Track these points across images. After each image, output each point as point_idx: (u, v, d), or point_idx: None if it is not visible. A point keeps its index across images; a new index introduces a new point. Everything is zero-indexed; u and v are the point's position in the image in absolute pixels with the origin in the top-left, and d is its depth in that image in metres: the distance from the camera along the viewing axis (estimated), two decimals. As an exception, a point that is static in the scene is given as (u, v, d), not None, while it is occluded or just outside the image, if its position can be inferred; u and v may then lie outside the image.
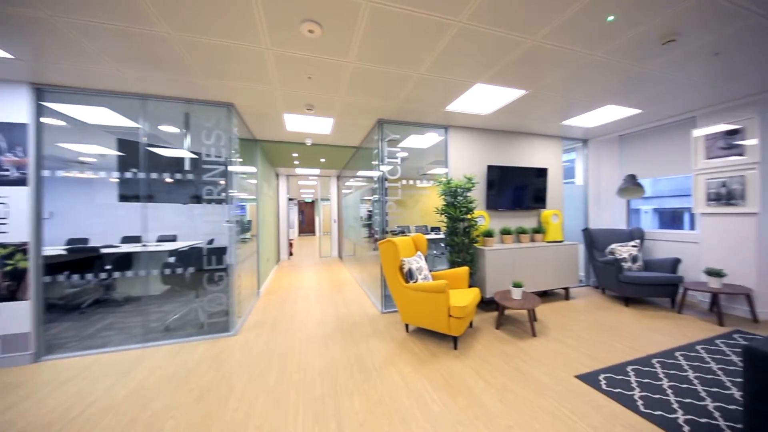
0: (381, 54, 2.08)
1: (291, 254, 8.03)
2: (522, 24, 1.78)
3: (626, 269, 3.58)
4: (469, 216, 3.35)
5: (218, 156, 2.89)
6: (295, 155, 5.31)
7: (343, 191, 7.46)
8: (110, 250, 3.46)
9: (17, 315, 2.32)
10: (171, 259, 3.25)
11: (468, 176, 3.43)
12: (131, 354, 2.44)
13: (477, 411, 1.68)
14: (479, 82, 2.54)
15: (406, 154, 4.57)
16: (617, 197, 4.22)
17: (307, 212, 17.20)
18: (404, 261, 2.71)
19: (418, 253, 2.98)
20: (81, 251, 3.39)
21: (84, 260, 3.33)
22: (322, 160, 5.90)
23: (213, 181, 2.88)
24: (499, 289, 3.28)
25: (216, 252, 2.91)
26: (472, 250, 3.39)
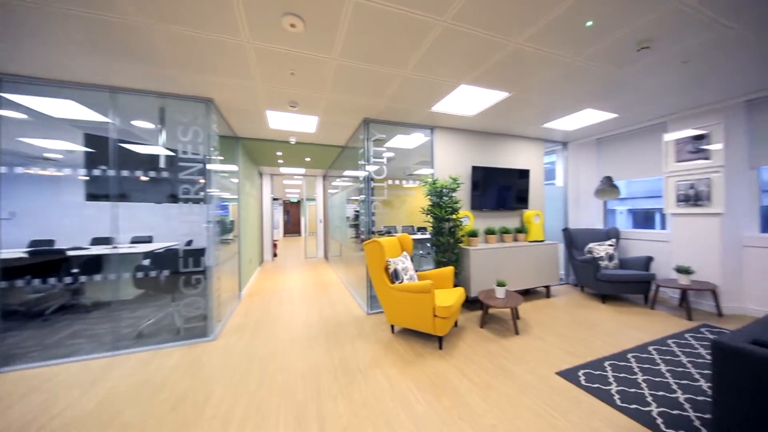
0: (366, 52, 2.05)
1: (275, 255, 7.86)
2: (505, 26, 1.80)
3: (603, 267, 3.71)
4: (455, 216, 3.38)
5: (196, 153, 2.77)
6: (279, 154, 5.19)
7: (329, 191, 7.37)
8: (78, 253, 3.25)
9: (-32, 324, 2.12)
10: (146, 262, 3.09)
11: (453, 177, 3.46)
12: (100, 363, 2.30)
13: (461, 411, 1.68)
14: (464, 84, 2.56)
15: (393, 155, 4.56)
16: (595, 198, 4.38)
17: (293, 212, 16.90)
18: (390, 261, 2.70)
19: (404, 254, 2.97)
20: (44, 254, 3.17)
21: (48, 263, 3.11)
22: (307, 160, 5.80)
23: (190, 180, 2.76)
24: (484, 289, 3.33)
25: (194, 254, 2.79)
26: (457, 250, 3.42)
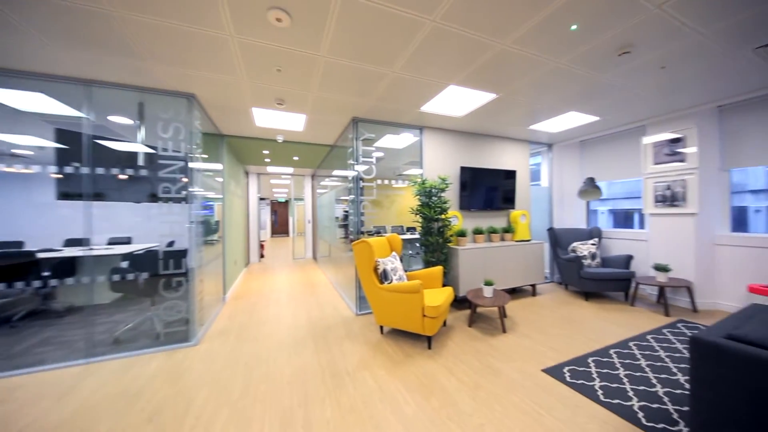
0: (354, 49, 2.03)
1: (262, 256, 7.69)
2: (493, 28, 1.81)
3: (586, 266, 3.82)
4: (443, 216, 3.40)
5: (177, 151, 2.66)
6: (266, 153, 5.08)
7: (318, 191, 7.28)
8: (49, 255, 3.06)
9: None
10: (124, 264, 2.95)
11: (442, 177, 3.47)
12: (72, 371, 2.17)
13: (450, 411, 1.67)
14: (452, 84, 2.57)
15: (382, 154, 4.54)
16: (578, 198, 4.50)
17: (280, 212, 16.62)
18: (379, 262, 2.67)
19: (393, 254, 2.96)
20: (11, 256, 2.97)
21: (16, 266, 2.92)
22: (296, 159, 5.70)
23: (171, 178, 2.65)
24: (472, 288, 3.35)
25: (175, 255, 2.68)
26: (446, 250, 3.44)
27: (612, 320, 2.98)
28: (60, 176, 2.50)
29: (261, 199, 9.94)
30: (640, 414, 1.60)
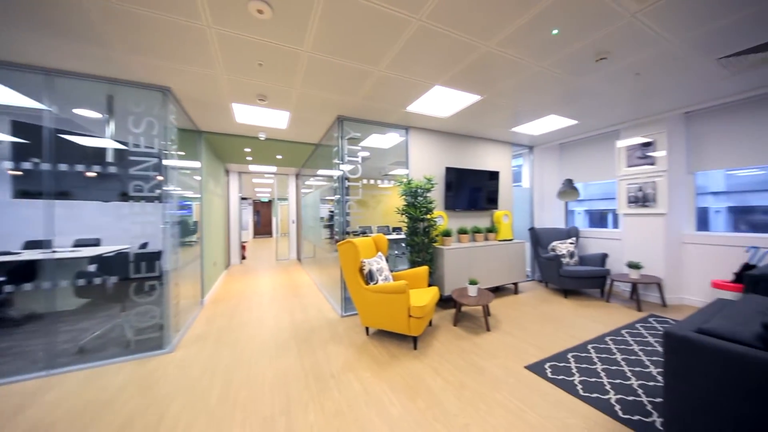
0: (339, 46, 1.99)
1: (244, 258, 7.45)
2: (478, 29, 1.83)
3: (565, 264, 3.95)
4: (429, 216, 3.41)
5: (150, 147, 2.52)
6: (248, 150, 4.92)
7: (303, 190, 7.14)
8: (4, 258, 2.81)
9: None
10: (92, 267, 2.75)
11: (428, 177, 3.49)
12: (30, 385, 1.99)
13: (436, 411, 1.67)
14: (438, 85, 2.58)
15: (368, 154, 4.51)
16: (557, 199, 4.66)
17: (263, 212, 16.20)
18: (364, 262, 2.64)
19: (379, 254, 2.93)
20: (-42, 260, 2.70)
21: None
22: (279, 157, 5.56)
23: (144, 176, 2.50)
24: (457, 287, 3.39)
25: (148, 257, 2.53)
26: (432, 250, 3.45)
27: (589, 316, 3.09)
28: (17, 173, 2.30)
29: (243, 199, 9.64)
30: (617, 407, 1.66)
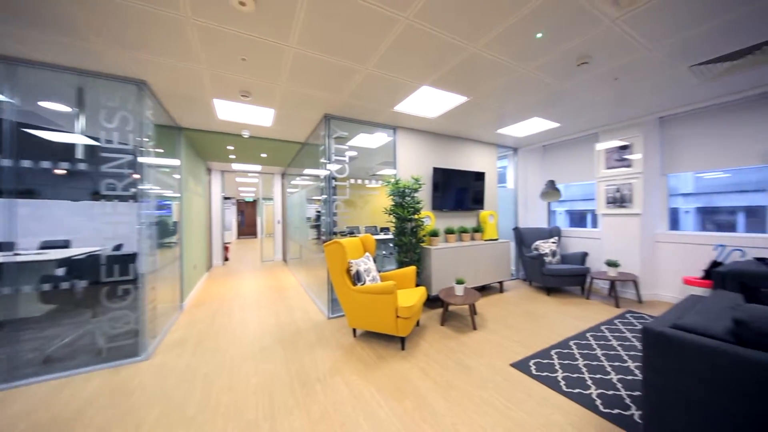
0: (326, 42, 1.95)
1: (227, 259, 7.23)
2: (465, 30, 1.84)
3: (548, 263, 4.06)
4: (417, 216, 3.41)
5: (124, 143, 2.38)
6: (231, 148, 4.77)
7: (289, 190, 7.01)
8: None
9: None
10: (60, 271, 2.58)
11: (415, 177, 3.49)
12: (-14, 399, 1.84)
13: (423, 412, 1.66)
14: (426, 85, 2.58)
15: (356, 153, 4.47)
16: (540, 200, 4.78)
17: (248, 213, 15.80)
18: (352, 263, 2.61)
19: (367, 254, 2.90)
20: None
21: None
22: (263, 156, 5.42)
23: (118, 174, 2.36)
24: (444, 287, 3.41)
25: (122, 260, 2.40)
26: (419, 250, 3.46)
27: (571, 313, 3.19)
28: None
29: (225, 199, 9.36)
30: (598, 401, 1.71)
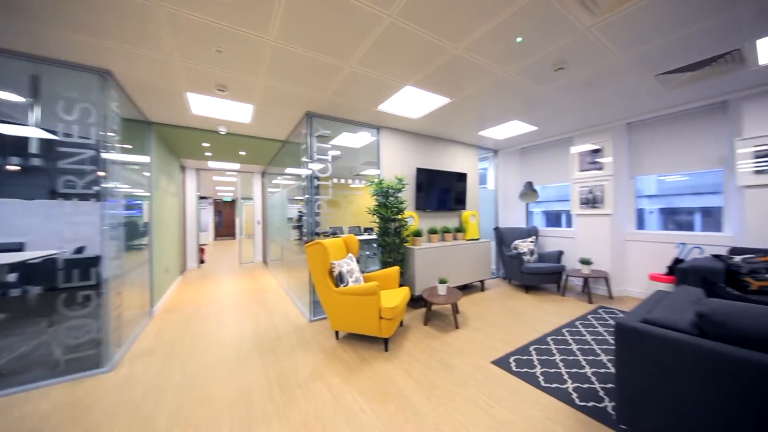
0: (307, 37, 1.89)
1: (202, 262, 6.91)
2: (447, 31, 1.85)
3: (526, 262, 4.19)
4: (400, 216, 3.41)
5: (86, 137, 2.20)
6: (206, 145, 4.55)
7: (269, 189, 6.80)
8: None
9: None
10: (12, 277, 2.34)
11: (399, 177, 3.49)
12: None
13: (407, 413, 1.65)
14: (409, 85, 2.58)
15: (339, 153, 4.41)
16: (519, 200, 4.94)
17: (226, 213, 15.20)
18: (334, 264, 2.56)
19: (350, 255, 2.86)
20: None
21: None
22: (242, 154, 5.23)
23: (78, 170, 2.18)
24: (427, 287, 3.42)
25: (82, 264, 2.21)
26: (403, 250, 3.46)
27: (548, 310, 3.30)
28: None
29: (201, 198, 8.96)
30: (574, 395, 1.77)
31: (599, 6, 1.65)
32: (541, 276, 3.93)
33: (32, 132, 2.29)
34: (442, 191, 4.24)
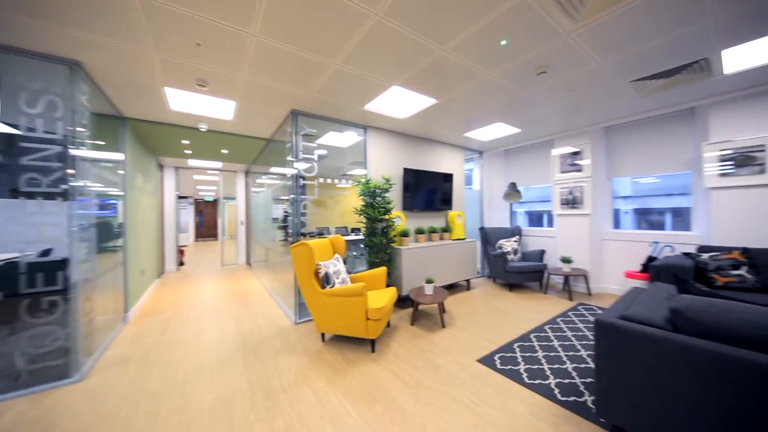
0: (292, 32, 1.85)
1: (182, 264, 6.64)
2: (434, 32, 1.85)
3: (510, 261, 4.28)
4: (387, 216, 3.40)
5: (51, 132, 2.06)
6: (186, 143, 4.38)
7: (253, 189, 6.63)
8: None
9: None
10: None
11: (386, 177, 3.48)
12: None
13: (393, 415, 1.64)
14: (396, 84, 2.58)
15: (326, 152, 4.35)
16: (503, 201, 5.04)
17: (208, 213, 14.71)
18: (320, 265, 2.52)
19: (336, 256, 2.82)
20: None
21: None
22: (225, 152, 5.07)
23: (43, 167, 2.04)
24: (414, 286, 3.43)
25: (48, 267, 2.07)
26: (390, 250, 3.45)
27: (531, 308, 3.39)
28: None
29: (181, 198, 8.63)
30: (556, 390, 1.82)
31: (580, 12, 1.70)
32: (525, 274, 4.03)
33: (-9, 125, 2.12)
34: (429, 191, 4.26)
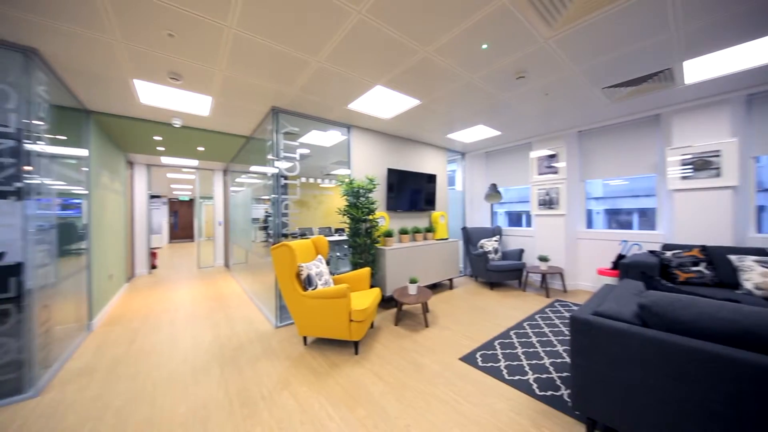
0: (271, 26, 1.79)
1: (154, 267, 6.30)
2: (417, 33, 1.86)
3: (491, 260, 4.39)
4: (371, 217, 3.38)
5: (3, 125, 1.88)
6: (158, 139, 4.15)
7: (232, 188, 6.39)
8: None
9: None
10: None
11: (370, 177, 3.46)
12: None
13: (376, 418, 1.62)
14: (379, 84, 2.56)
15: (308, 151, 4.26)
16: (484, 201, 5.16)
17: (183, 213, 14.04)
18: (302, 267, 2.46)
19: (319, 257, 2.77)
20: None
21: None
22: (201, 149, 4.85)
23: (-8, 163, 1.85)
24: (398, 287, 3.43)
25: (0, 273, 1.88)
26: (374, 251, 3.43)
27: (510, 305, 3.48)
28: None
29: (153, 197, 8.19)
30: (535, 386, 1.87)
31: (557, 20, 1.77)
32: (505, 273, 4.14)
33: (-72, 116, 1.91)
34: (413, 192, 4.29)
